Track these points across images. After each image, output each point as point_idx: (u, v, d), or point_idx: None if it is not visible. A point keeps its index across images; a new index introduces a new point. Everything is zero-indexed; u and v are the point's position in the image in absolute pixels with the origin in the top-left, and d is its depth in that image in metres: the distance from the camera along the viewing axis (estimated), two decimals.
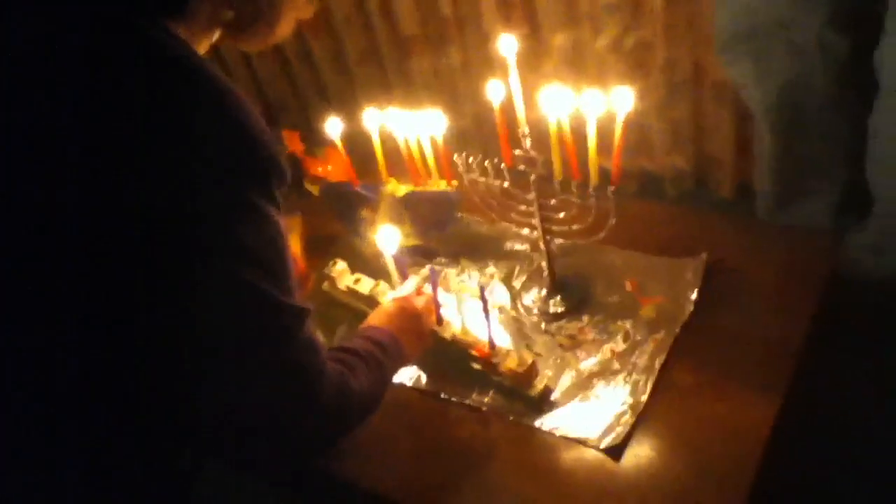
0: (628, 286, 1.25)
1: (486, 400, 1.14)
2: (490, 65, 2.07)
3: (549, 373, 1.14)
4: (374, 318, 1.11)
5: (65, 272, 0.70)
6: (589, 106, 0.98)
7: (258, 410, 0.78)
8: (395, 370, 1.03)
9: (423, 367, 1.20)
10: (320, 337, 0.86)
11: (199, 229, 0.71)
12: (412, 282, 1.18)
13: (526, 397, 1.11)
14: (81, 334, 0.73)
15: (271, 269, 0.77)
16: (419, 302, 1.15)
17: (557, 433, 1.07)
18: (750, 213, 1.79)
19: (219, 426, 0.80)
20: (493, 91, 1.06)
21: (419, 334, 1.13)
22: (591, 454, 1.04)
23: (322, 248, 1.48)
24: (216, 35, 0.84)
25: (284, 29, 0.88)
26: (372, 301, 1.26)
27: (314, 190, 1.55)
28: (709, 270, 1.23)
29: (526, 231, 1.23)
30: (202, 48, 0.82)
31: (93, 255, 0.69)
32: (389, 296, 1.20)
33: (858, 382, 1.46)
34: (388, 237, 1.19)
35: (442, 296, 1.19)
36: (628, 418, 1.05)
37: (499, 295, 1.30)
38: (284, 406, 0.79)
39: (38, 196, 0.68)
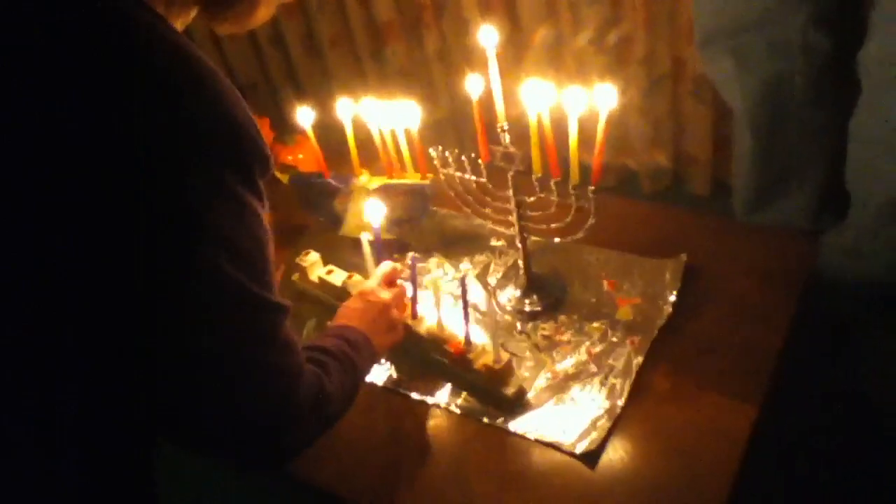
0: (606, 286, 1.22)
1: (458, 401, 1.11)
2: (467, 56, 2.04)
3: (525, 374, 1.11)
4: (343, 317, 1.07)
5: (32, 264, 0.66)
6: (571, 103, 0.95)
7: (232, 411, 0.75)
8: (367, 368, 1.00)
9: (395, 364, 1.17)
10: (296, 336, 0.82)
11: (171, 215, 0.67)
12: (380, 271, 1.15)
13: (500, 397, 1.08)
14: (54, 332, 0.69)
15: (249, 261, 0.73)
16: (386, 295, 1.11)
17: (531, 436, 1.04)
18: (726, 211, 1.77)
19: (194, 424, 0.77)
20: (472, 85, 1.03)
21: (389, 328, 1.09)
22: (565, 459, 1.01)
23: (291, 238, 1.44)
24: (192, 13, 0.80)
25: (264, 12, 0.83)
26: (344, 293, 1.22)
27: (284, 179, 1.50)
28: (688, 272, 1.21)
29: (502, 228, 1.19)
30: (178, 27, 0.78)
31: (63, 246, 0.66)
32: (359, 287, 1.16)
33: (830, 387, 1.45)
34: (374, 210, 1.15)
35: (418, 290, 1.16)
36: (604, 423, 1.03)
37: (474, 292, 1.27)
38: (259, 408, 0.76)
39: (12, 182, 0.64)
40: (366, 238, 1.16)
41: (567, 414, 1.06)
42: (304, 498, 1.41)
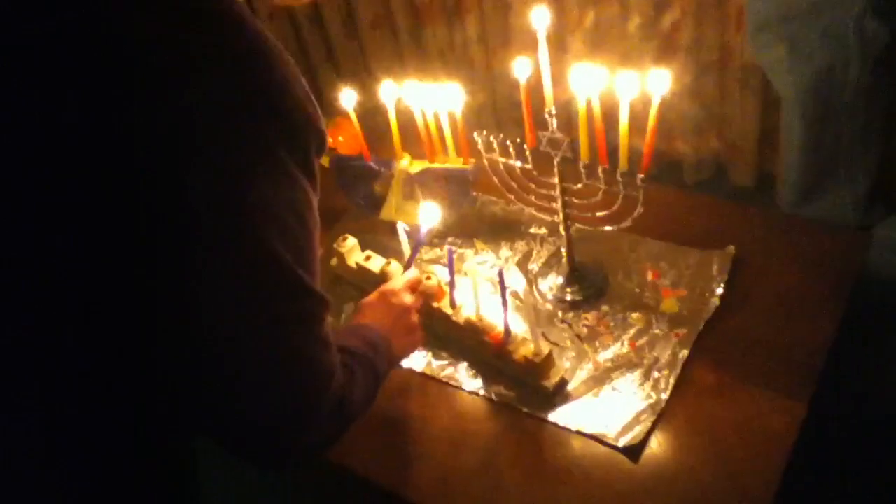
0: (650, 276, 1.20)
1: (497, 389, 1.09)
2: (507, 39, 2.01)
3: (566, 364, 1.09)
4: (364, 314, 1.03)
5: (67, 226, 0.64)
6: (623, 87, 0.92)
7: (258, 405, 0.72)
8: (386, 375, 0.96)
9: (433, 351, 1.15)
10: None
11: (219, 179, 0.64)
12: (407, 276, 1.11)
13: (540, 389, 1.06)
14: (84, 314, 0.67)
15: (296, 241, 0.69)
16: (409, 298, 1.07)
17: (572, 428, 1.02)
18: (770, 203, 1.73)
19: (214, 417, 0.74)
20: (520, 68, 1.00)
21: (409, 331, 1.05)
22: (605, 452, 0.99)
23: (329, 221, 1.43)
24: None
25: None
26: (382, 280, 1.21)
27: (324, 161, 1.49)
28: (735, 265, 1.17)
29: (546, 215, 1.17)
30: None
31: (67, 241, 0.64)
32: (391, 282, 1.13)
33: (878, 385, 1.41)
34: (429, 214, 1.13)
35: (456, 278, 1.14)
36: (648, 417, 1.01)
37: (514, 280, 1.25)
38: (287, 404, 0.73)
39: (41, 129, 0.62)
40: (402, 227, 1.14)
41: (609, 406, 1.04)
42: (304, 499, 1.40)
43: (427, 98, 1.20)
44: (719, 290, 1.14)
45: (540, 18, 0.95)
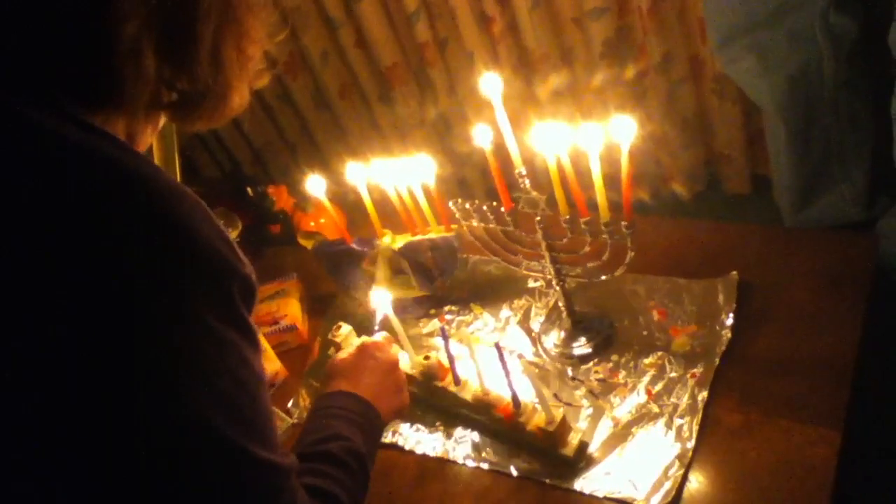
0: (656, 316, 1.15)
1: (518, 463, 1.04)
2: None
3: (582, 425, 1.05)
4: (346, 376, 0.95)
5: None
6: (589, 142, 0.88)
7: None
8: (375, 453, 0.88)
9: (445, 431, 1.11)
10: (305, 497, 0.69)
11: (137, 363, 0.56)
12: (382, 335, 1.07)
13: (560, 457, 1.02)
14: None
15: (236, 410, 0.61)
16: (393, 352, 1.02)
17: (600, 495, 0.97)
18: (769, 207, 1.69)
19: None
20: (481, 135, 0.97)
21: (398, 390, 0.99)
22: None
23: (323, 307, 1.39)
24: (161, 121, 0.74)
25: (238, 101, 0.73)
26: None
27: (308, 245, 1.47)
28: (741, 290, 1.13)
29: (538, 273, 1.13)
30: (146, 137, 0.71)
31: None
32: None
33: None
34: (381, 299, 1.10)
35: (456, 348, 1.10)
36: (677, 470, 0.96)
37: (517, 340, 1.21)
38: None
39: None
40: (389, 311, 1.10)
41: (635, 464, 0.99)
42: None
43: (397, 174, 1.17)
44: (729, 321, 1.09)
45: (491, 85, 0.92)
